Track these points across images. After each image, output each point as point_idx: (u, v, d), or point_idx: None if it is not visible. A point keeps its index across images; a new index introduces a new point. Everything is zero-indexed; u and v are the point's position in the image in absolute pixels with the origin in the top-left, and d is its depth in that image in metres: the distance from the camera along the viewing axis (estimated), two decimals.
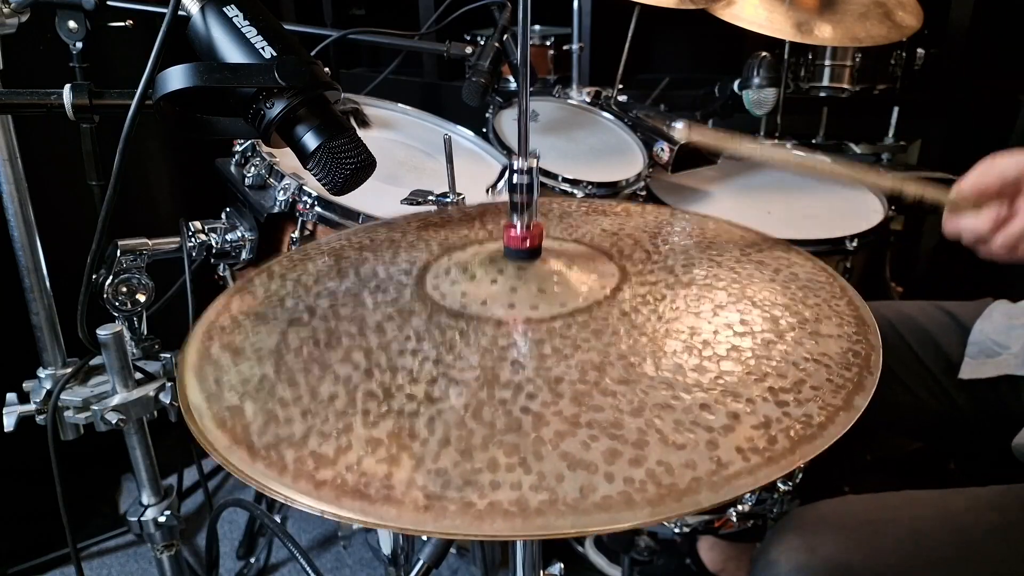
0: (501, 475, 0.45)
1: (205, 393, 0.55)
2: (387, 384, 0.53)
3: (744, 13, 1.61)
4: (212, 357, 0.60)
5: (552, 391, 0.52)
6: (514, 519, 0.42)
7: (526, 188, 0.65)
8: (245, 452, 0.49)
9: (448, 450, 0.47)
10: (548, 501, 0.43)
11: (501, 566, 1.26)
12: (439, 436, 0.48)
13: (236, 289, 0.71)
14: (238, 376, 0.57)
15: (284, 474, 0.46)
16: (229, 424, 0.51)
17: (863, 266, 1.57)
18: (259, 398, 0.54)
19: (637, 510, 0.43)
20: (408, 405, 0.51)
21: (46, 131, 1.10)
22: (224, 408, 0.53)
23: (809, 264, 0.71)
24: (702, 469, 0.45)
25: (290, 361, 0.58)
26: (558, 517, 0.42)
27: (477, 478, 0.45)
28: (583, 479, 0.44)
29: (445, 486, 0.44)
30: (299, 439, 0.49)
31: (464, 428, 0.49)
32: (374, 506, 0.43)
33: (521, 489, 0.44)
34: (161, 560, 1.06)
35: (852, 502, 0.93)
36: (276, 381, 0.55)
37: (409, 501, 0.43)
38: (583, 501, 0.43)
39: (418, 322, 0.61)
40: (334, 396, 0.53)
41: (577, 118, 1.79)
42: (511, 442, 0.47)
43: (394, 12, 2.79)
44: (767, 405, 0.50)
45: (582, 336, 0.58)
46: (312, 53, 0.75)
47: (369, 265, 0.73)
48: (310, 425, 0.50)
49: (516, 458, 0.46)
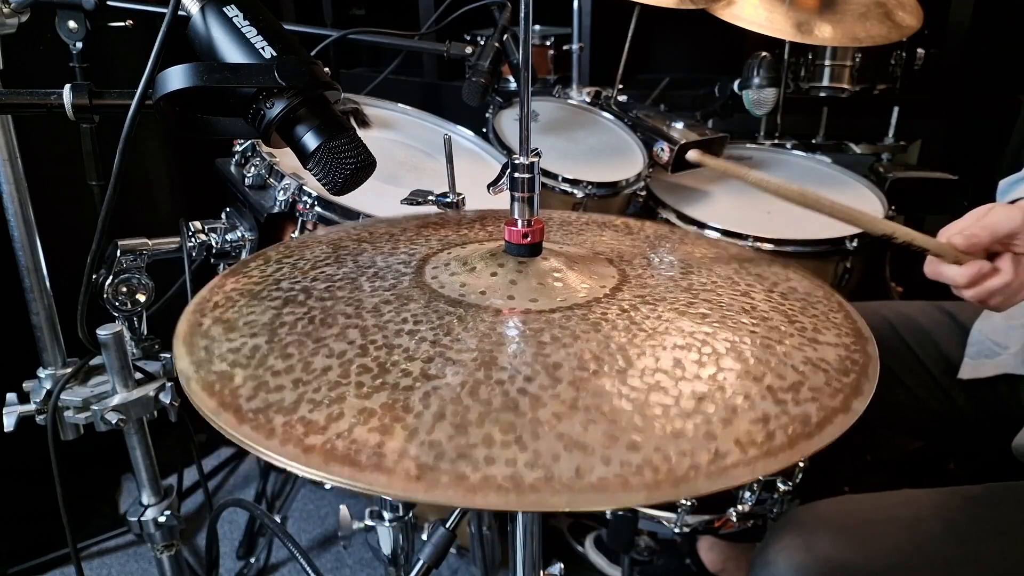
0: (496, 451, 0.44)
1: (194, 360, 0.54)
2: (382, 360, 0.53)
3: (744, 13, 1.61)
4: (203, 329, 0.59)
5: (550, 376, 0.51)
6: (508, 494, 0.42)
7: (528, 184, 0.66)
8: (232, 415, 0.48)
9: (443, 424, 0.46)
10: (543, 479, 0.43)
11: (501, 566, 1.26)
12: (434, 410, 0.48)
13: (231, 271, 0.71)
14: (229, 346, 0.56)
15: (272, 437, 0.46)
16: (217, 388, 0.51)
17: (863, 266, 1.57)
18: (249, 366, 0.53)
19: (633, 492, 0.42)
20: (403, 380, 0.51)
21: (46, 131, 1.11)
22: (212, 373, 0.52)
23: (807, 281, 0.72)
24: (700, 458, 0.45)
25: (283, 335, 0.57)
26: (553, 495, 0.42)
27: (471, 452, 0.44)
28: (579, 459, 0.44)
29: (438, 458, 0.44)
30: (289, 405, 0.48)
31: (460, 404, 0.48)
32: (363, 472, 0.43)
33: (516, 466, 0.43)
34: (161, 560, 1.06)
35: (851, 501, 0.93)
36: (268, 353, 0.55)
37: (400, 470, 0.43)
38: (579, 481, 0.43)
39: (416, 307, 0.61)
40: (327, 368, 0.52)
41: (577, 118, 1.79)
42: (507, 420, 0.47)
43: (394, 12, 2.79)
44: (765, 402, 0.50)
45: (581, 327, 0.58)
46: (312, 53, 0.75)
47: (368, 255, 0.73)
48: (301, 393, 0.49)
49: (512, 436, 0.46)
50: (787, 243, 1.45)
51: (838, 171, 1.80)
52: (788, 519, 0.92)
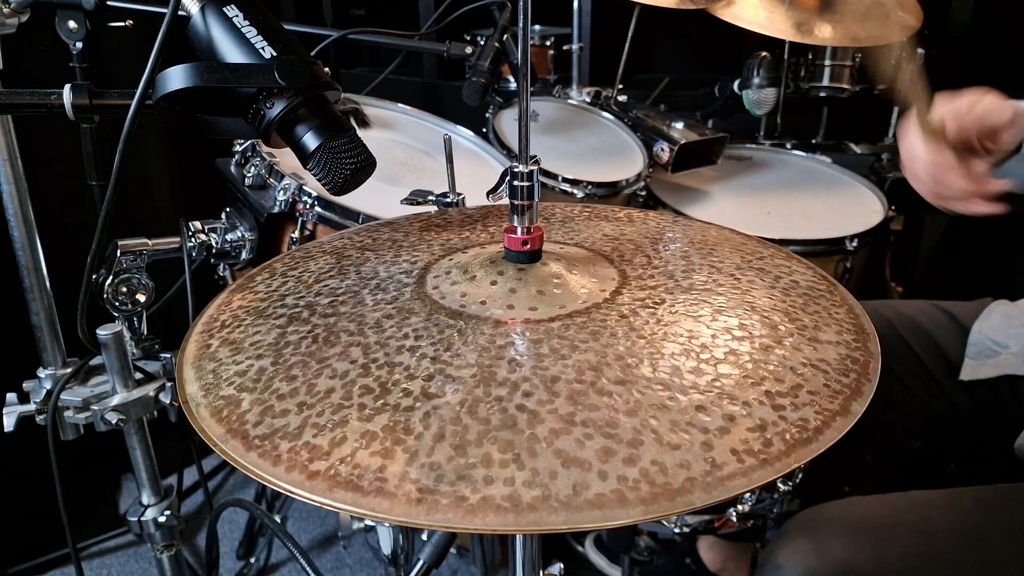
0: (495, 471, 0.45)
1: (202, 385, 0.55)
2: (384, 379, 0.54)
3: (744, 13, 1.61)
4: (211, 351, 0.60)
5: (548, 390, 0.52)
6: (506, 514, 0.42)
7: (526, 192, 0.66)
8: (240, 443, 0.49)
9: (442, 445, 0.47)
10: (541, 497, 0.43)
11: (501, 566, 1.26)
12: (434, 431, 0.48)
13: (238, 286, 0.72)
14: (235, 369, 0.57)
15: (278, 464, 0.46)
16: (225, 415, 0.52)
17: (863, 266, 1.57)
18: (256, 390, 0.54)
19: (630, 508, 0.43)
20: (404, 400, 0.51)
21: (46, 131, 1.11)
22: (220, 399, 0.53)
23: (810, 272, 0.71)
24: (696, 469, 0.45)
25: (288, 356, 0.58)
26: (550, 513, 0.42)
27: (470, 473, 0.45)
28: (576, 476, 0.44)
29: (438, 480, 0.44)
30: (294, 431, 0.49)
31: (459, 424, 0.49)
32: (366, 498, 0.43)
33: (514, 485, 0.44)
34: (161, 560, 1.06)
35: (859, 504, 0.91)
36: (273, 375, 0.55)
37: (402, 494, 0.43)
38: (576, 498, 0.43)
39: (417, 320, 0.61)
40: (331, 390, 0.53)
41: (577, 118, 1.79)
42: (505, 438, 0.47)
43: (394, 12, 2.79)
44: (763, 408, 0.50)
45: (580, 337, 0.58)
46: (312, 53, 0.75)
47: (370, 265, 0.74)
48: (305, 417, 0.50)
49: (510, 454, 0.46)
50: (787, 243, 1.45)
51: (838, 171, 1.80)
52: (797, 521, 0.91)
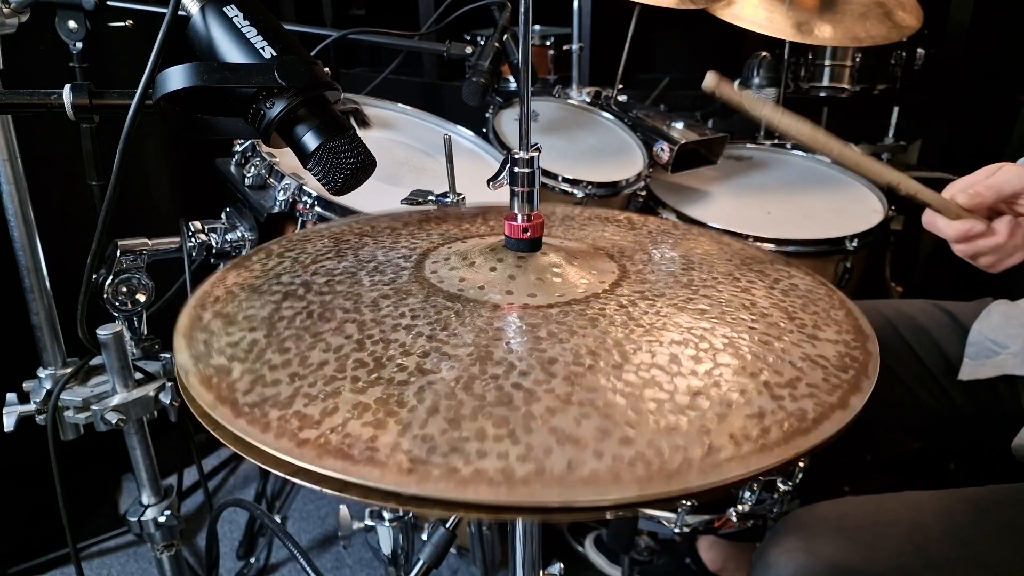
0: (488, 445, 0.45)
1: (193, 354, 0.55)
2: (379, 355, 0.53)
3: (744, 13, 1.61)
4: (203, 323, 0.59)
5: (545, 371, 0.52)
6: (499, 487, 0.42)
7: (527, 178, 0.65)
8: (228, 409, 0.48)
9: (436, 418, 0.47)
10: (535, 472, 0.43)
11: (501, 566, 1.26)
12: (428, 404, 0.48)
13: (233, 264, 0.71)
14: (227, 340, 0.56)
15: (267, 431, 0.46)
16: (215, 382, 0.51)
17: (863, 266, 1.57)
18: (247, 361, 0.53)
19: (624, 487, 0.42)
20: (399, 375, 0.51)
21: (46, 131, 1.11)
22: (210, 367, 0.53)
23: (809, 278, 0.72)
24: (693, 453, 0.45)
25: (281, 329, 0.57)
26: (544, 487, 0.42)
27: (464, 446, 0.44)
28: (571, 453, 0.44)
29: (431, 452, 0.44)
30: (285, 399, 0.49)
31: (454, 399, 0.48)
32: (356, 466, 0.43)
33: (508, 459, 0.44)
34: (161, 560, 1.06)
35: (852, 503, 0.92)
36: (266, 347, 0.55)
37: (393, 463, 0.43)
38: (570, 475, 0.43)
39: (414, 301, 0.61)
40: (324, 363, 0.53)
41: (577, 118, 1.79)
42: (500, 415, 0.47)
43: (394, 12, 2.79)
44: (762, 397, 0.50)
45: (579, 323, 0.58)
46: (312, 53, 0.75)
47: (368, 249, 0.73)
48: (297, 387, 0.50)
49: (505, 430, 0.46)
50: (787, 243, 1.45)
51: (838, 171, 1.80)
52: (789, 521, 0.91)
